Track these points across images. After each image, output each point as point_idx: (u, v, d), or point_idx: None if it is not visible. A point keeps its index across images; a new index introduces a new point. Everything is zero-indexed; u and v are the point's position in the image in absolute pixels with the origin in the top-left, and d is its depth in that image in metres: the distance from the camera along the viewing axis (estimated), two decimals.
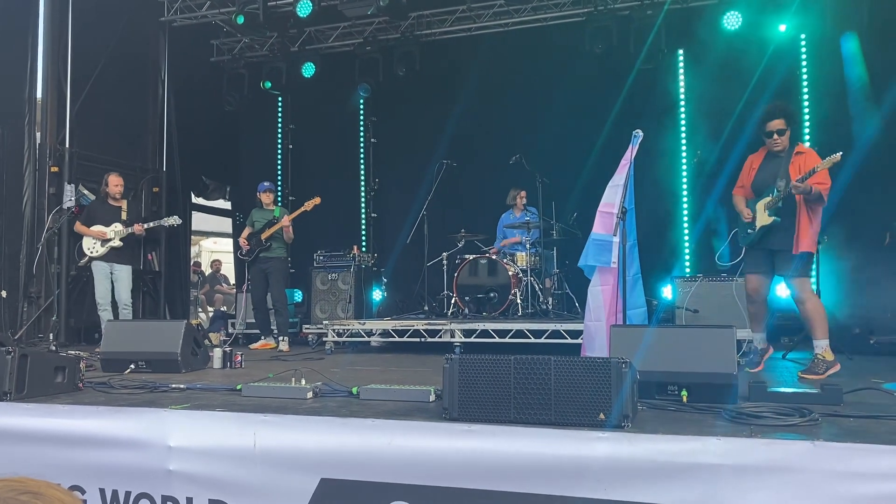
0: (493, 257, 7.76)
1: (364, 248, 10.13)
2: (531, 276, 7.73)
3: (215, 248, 19.20)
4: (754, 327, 5.26)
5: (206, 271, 14.87)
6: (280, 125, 11.18)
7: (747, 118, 6.45)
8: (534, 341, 6.52)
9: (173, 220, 7.65)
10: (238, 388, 4.00)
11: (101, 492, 3.30)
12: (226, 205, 12.15)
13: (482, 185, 9.19)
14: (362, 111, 10.76)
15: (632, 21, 8.52)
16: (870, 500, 2.44)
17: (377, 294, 9.23)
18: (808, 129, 8.04)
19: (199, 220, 13.07)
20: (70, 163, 8.28)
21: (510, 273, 7.55)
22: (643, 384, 3.30)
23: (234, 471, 3.11)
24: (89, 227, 7.36)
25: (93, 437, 3.38)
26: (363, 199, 10.72)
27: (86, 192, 8.39)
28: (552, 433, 2.80)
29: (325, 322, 7.74)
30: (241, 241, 7.86)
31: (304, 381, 3.93)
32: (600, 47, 8.51)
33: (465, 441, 2.88)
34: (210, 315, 12.34)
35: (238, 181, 11.29)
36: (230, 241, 12.35)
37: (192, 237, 13.01)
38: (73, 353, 5.44)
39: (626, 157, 4.79)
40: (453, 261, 8.01)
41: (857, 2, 7.73)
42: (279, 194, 10.53)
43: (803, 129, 7.86)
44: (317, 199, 7.64)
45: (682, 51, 8.75)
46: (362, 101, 10.51)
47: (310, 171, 10.62)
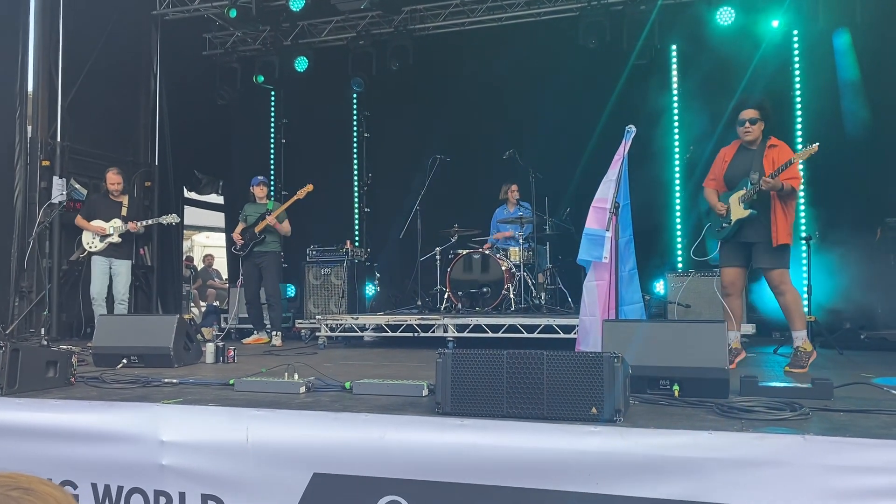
0: (487, 252, 7.77)
1: (357, 243, 10.11)
2: (524, 271, 7.74)
3: (208, 243, 19.13)
4: (729, 325, 5.28)
5: (199, 266, 14.81)
6: (273, 119, 11.16)
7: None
8: (527, 336, 6.54)
9: (171, 219, 7.63)
10: (231, 382, 3.99)
11: (94, 486, 3.28)
12: (218, 199, 12.09)
13: (475, 181, 9.18)
14: (355, 106, 10.75)
15: (625, 16, 8.54)
16: (860, 494, 2.45)
17: (370, 289, 9.23)
18: (799, 125, 8.07)
19: (192, 215, 13.02)
20: (61, 157, 8.23)
21: (503, 268, 7.56)
22: (635, 379, 3.31)
23: (227, 465, 3.10)
24: (89, 221, 7.34)
25: (85, 431, 3.36)
26: (356, 194, 10.71)
27: (77, 186, 8.34)
28: (545, 427, 2.81)
29: (317, 317, 7.72)
30: (235, 236, 7.84)
31: (296, 376, 3.92)
32: (594, 42, 8.51)
33: (458, 435, 2.88)
34: (202, 310, 12.30)
35: (231, 176, 11.25)
36: (223, 235, 12.29)
37: (185, 232, 12.97)
38: (64, 347, 5.43)
39: (620, 152, 4.79)
40: (446, 256, 8.02)
41: None
42: (272, 188, 10.50)
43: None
44: (309, 187, 7.59)
45: (675, 46, 8.78)
46: (355, 95, 10.50)
47: (303, 165, 10.57)
